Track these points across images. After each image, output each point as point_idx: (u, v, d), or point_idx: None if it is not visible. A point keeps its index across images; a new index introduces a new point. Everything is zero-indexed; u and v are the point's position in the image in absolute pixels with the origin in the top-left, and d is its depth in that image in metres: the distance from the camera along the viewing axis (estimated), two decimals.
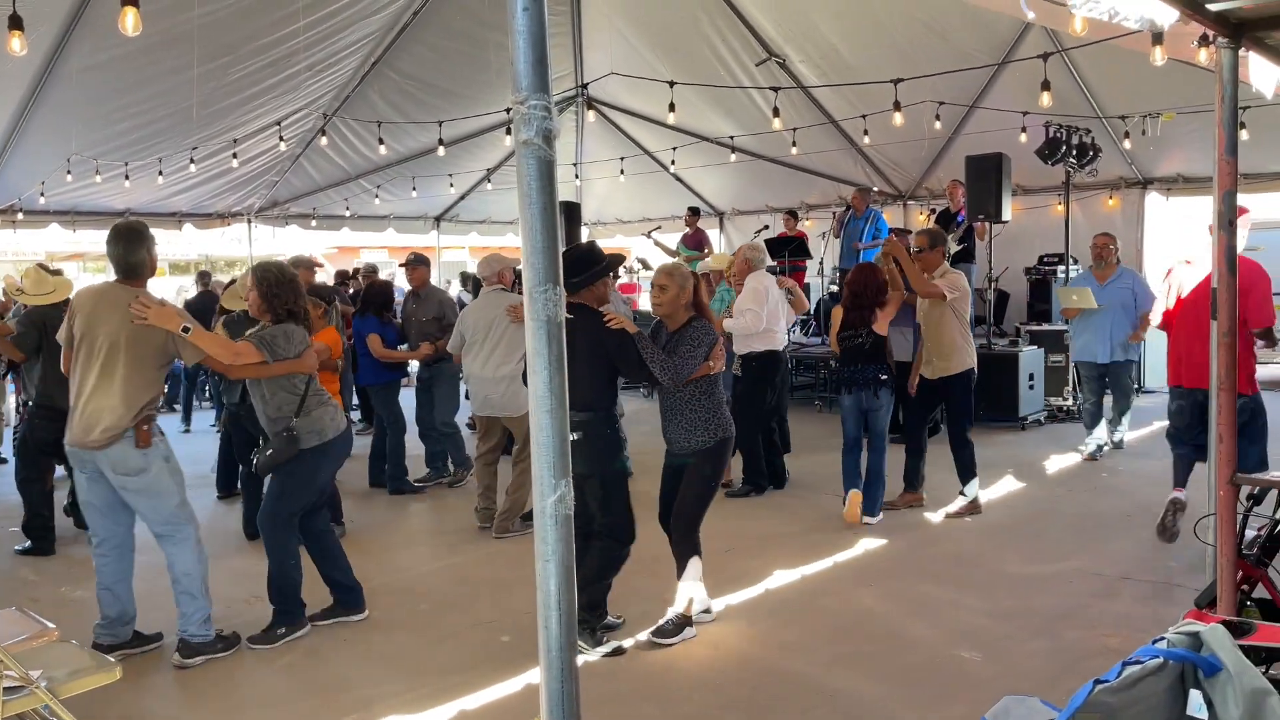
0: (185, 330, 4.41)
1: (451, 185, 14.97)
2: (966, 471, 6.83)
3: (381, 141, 12.10)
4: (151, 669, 4.58)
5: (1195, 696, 1.85)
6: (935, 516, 6.86)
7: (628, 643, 4.73)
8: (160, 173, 11.53)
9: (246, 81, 10.14)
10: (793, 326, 8.28)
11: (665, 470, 4.97)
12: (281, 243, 18.54)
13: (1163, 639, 1.93)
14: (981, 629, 4.81)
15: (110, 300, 4.47)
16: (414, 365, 8.62)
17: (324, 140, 12.00)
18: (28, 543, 6.52)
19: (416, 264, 8.26)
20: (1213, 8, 3.09)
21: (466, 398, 7.45)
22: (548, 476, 1.46)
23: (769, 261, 8.29)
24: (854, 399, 6.60)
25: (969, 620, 4.93)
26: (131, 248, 4.50)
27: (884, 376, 6.51)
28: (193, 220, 14.06)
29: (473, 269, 10.27)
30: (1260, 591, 3.69)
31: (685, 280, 4.80)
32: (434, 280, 9.65)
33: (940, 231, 7.40)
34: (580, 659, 4.56)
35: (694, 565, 4.80)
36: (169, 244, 23.45)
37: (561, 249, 1.48)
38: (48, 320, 6.26)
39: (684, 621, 4.76)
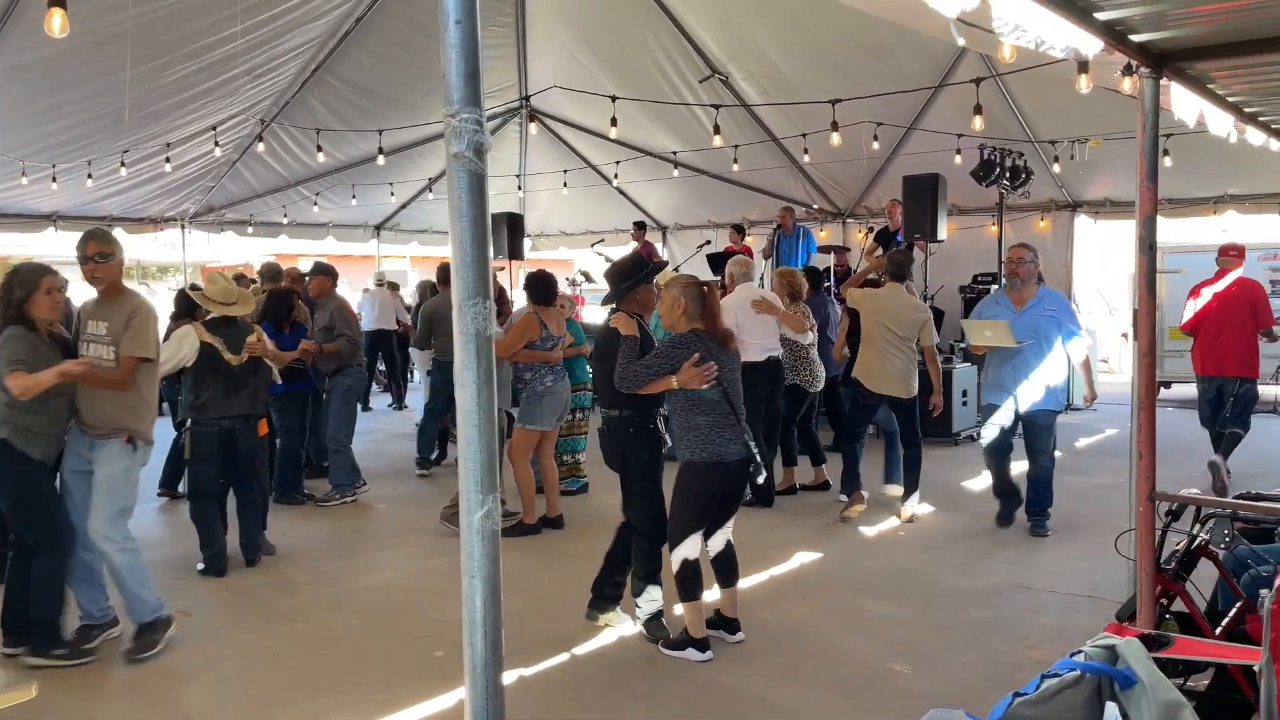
0: None
1: (392, 194, 14.82)
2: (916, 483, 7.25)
3: (320, 149, 11.94)
4: (75, 683, 4.44)
5: (1111, 709, 1.89)
6: (870, 530, 6.95)
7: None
8: (90, 175, 11.22)
9: (182, 84, 9.92)
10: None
11: None
12: (216, 249, 18.18)
13: (1080, 652, 1.97)
14: (914, 641, 4.88)
15: None
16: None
17: (261, 147, 11.80)
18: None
19: (315, 273, 8.22)
20: (1136, 39, 3.20)
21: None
22: (474, 492, 1.44)
23: (752, 274, 8.08)
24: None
25: (902, 633, 5.00)
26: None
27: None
28: (124, 224, 13.70)
29: (415, 279, 10.27)
30: (1180, 605, 3.79)
31: (680, 291, 4.72)
32: (372, 288, 9.60)
33: (901, 260, 7.56)
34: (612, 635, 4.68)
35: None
36: None
37: (488, 260, 1.47)
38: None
39: (688, 640, 4.78)
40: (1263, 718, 2.45)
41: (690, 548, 4.67)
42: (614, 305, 5.03)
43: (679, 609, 4.82)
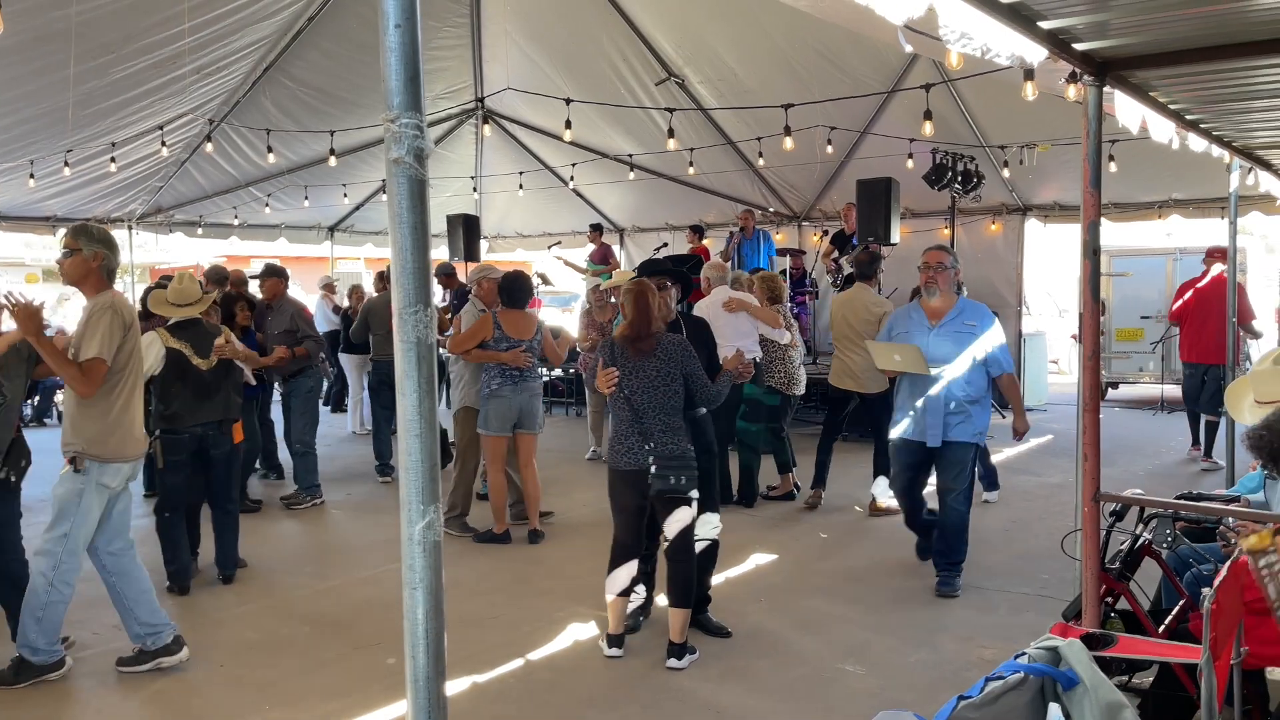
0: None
1: (346, 196, 14.64)
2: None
3: (270, 150, 11.75)
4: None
5: (1054, 710, 1.92)
6: (826, 533, 7.00)
7: None
8: (31, 175, 10.96)
9: (128, 83, 9.71)
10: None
11: None
12: (165, 250, 17.85)
13: (1024, 654, 2.00)
14: (866, 642, 4.91)
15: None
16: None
17: (209, 147, 11.60)
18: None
19: (268, 275, 8.10)
20: (1079, 48, 3.25)
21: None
22: (415, 502, 1.42)
23: (727, 279, 8.07)
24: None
25: (854, 634, 5.03)
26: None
27: None
28: (68, 225, 13.39)
29: (369, 280, 10.18)
30: (1125, 603, 3.86)
31: (622, 296, 4.87)
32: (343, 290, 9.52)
33: (864, 260, 7.69)
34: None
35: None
36: (44, 249, 22.30)
37: (437, 264, 1.45)
38: None
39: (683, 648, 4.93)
40: (1203, 714, 2.49)
41: (618, 547, 4.80)
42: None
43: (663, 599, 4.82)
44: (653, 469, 4.58)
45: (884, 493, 7.26)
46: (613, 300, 8.71)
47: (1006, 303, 12.73)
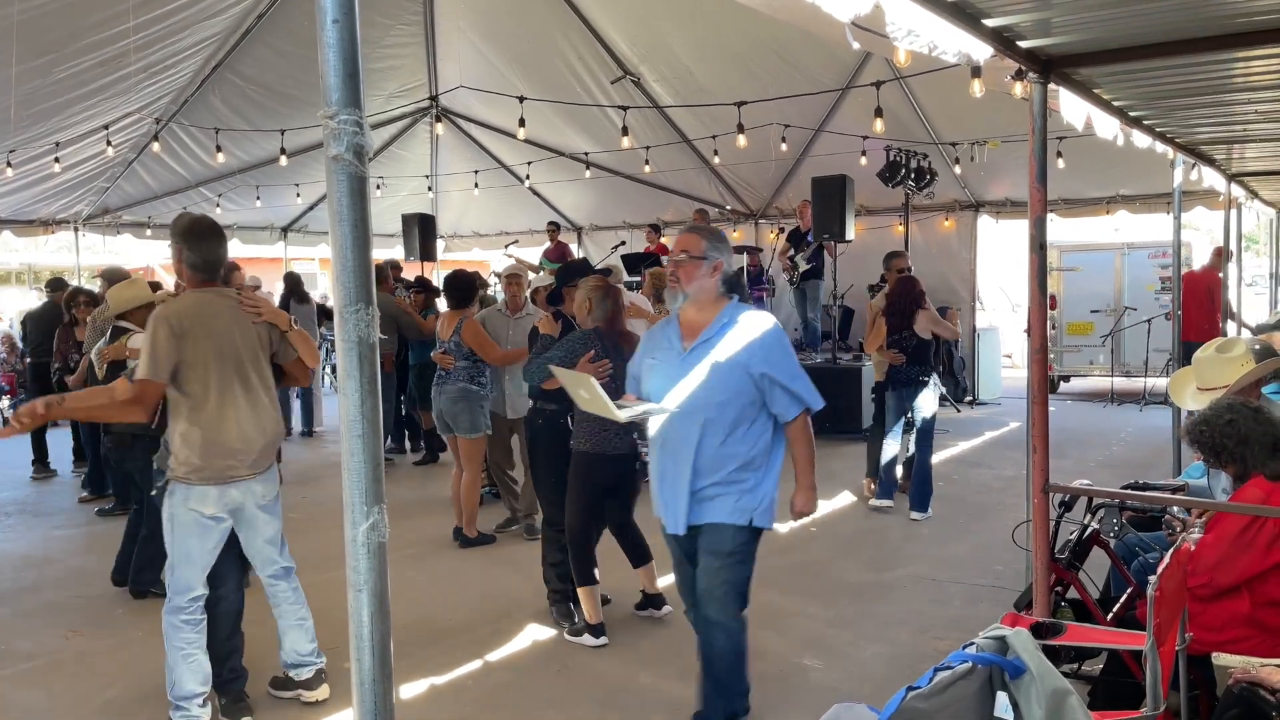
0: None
1: (299, 195, 14.46)
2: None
3: (219, 149, 11.58)
4: None
5: (1002, 698, 1.94)
6: (783, 527, 7.02)
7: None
8: None
9: (73, 82, 9.51)
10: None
11: None
12: (113, 252, 17.52)
13: (972, 644, 2.02)
14: (824, 637, 4.95)
15: (215, 308, 3.88)
16: None
17: (156, 146, 11.39)
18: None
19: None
20: (1024, 45, 3.29)
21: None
22: (359, 504, 1.41)
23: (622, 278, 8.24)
24: (895, 395, 7.36)
25: (812, 628, 5.07)
26: (217, 243, 3.94)
27: (924, 378, 7.21)
28: (11, 227, 13.10)
29: (325, 281, 10.04)
30: (1075, 593, 3.93)
31: (587, 292, 4.90)
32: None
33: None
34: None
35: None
36: None
37: (369, 265, 1.43)
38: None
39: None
40: (1149, 700, 2.55)
41: (584, 535, 4.85)
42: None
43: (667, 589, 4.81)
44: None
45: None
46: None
47: (961, 298, 12.91)
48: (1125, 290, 13.55)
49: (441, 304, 7.91)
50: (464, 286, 6.88)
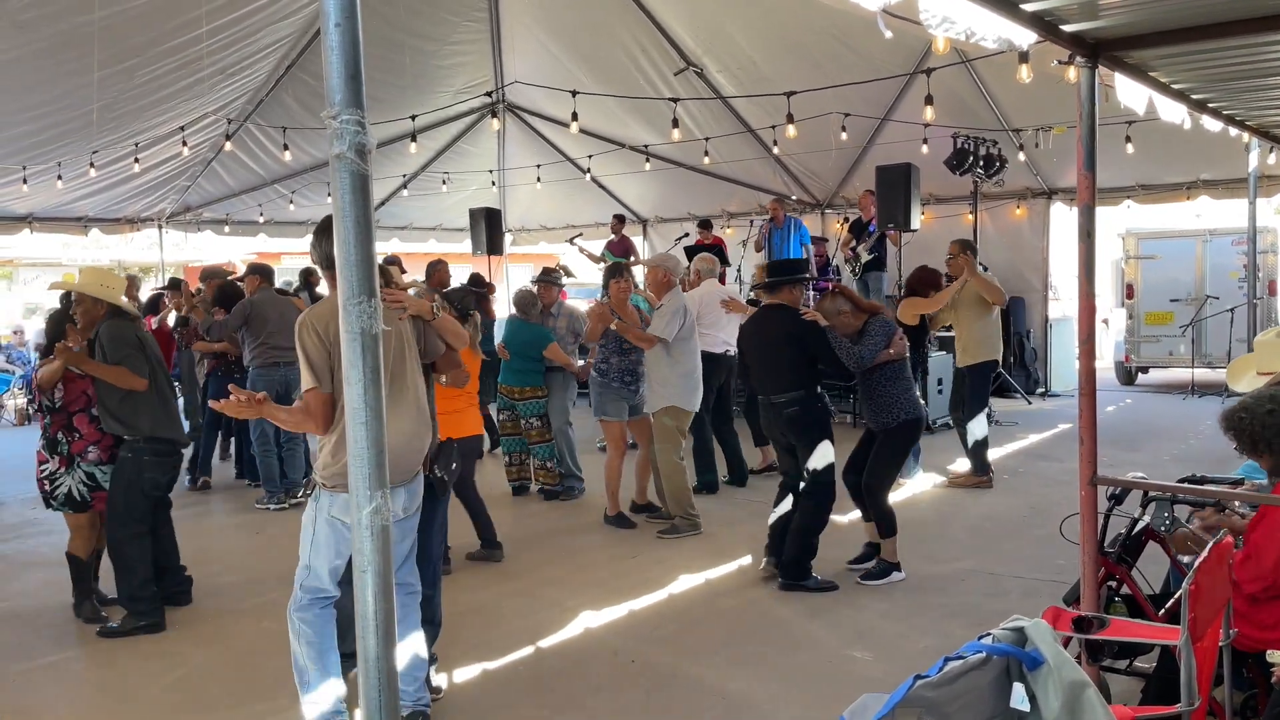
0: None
1: None
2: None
3: (286, 148, 11.89)
4: None
5: (1019, 689, 1.93)
6: (840, 517, 6.97)
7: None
8: (59, 177, 11.19)
9: (153, 85, 9.89)
10: None
11: (860, 440, 5.93)
12: (195, 249, 18.11)
13: (988, 635, 2.01)
14: (875, 629, 4.92)
15: None
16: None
17: (228, 145, 11.78)
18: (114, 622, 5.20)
19: (249, 273, 8.32)
20: (1068, 29, 3.21)
21: None
22: (363, 488, 1.47)
23: (716, 270, 8.35)
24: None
25: (864, 620, 5.04)
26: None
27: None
28: (99, 225, 13.67)
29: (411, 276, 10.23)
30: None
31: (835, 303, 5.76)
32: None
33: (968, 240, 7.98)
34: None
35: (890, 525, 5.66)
36: (83, 249, 22.74)
37: (373, 259, 1.49)
38: (141, 335, 5.30)
39: (890, 566, 5.64)
40: (1184, 695, 2.49)
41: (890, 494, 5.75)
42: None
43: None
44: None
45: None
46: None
47: (1032, 287, 12.62)
48: (1207, 278, 13.06)
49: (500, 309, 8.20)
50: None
